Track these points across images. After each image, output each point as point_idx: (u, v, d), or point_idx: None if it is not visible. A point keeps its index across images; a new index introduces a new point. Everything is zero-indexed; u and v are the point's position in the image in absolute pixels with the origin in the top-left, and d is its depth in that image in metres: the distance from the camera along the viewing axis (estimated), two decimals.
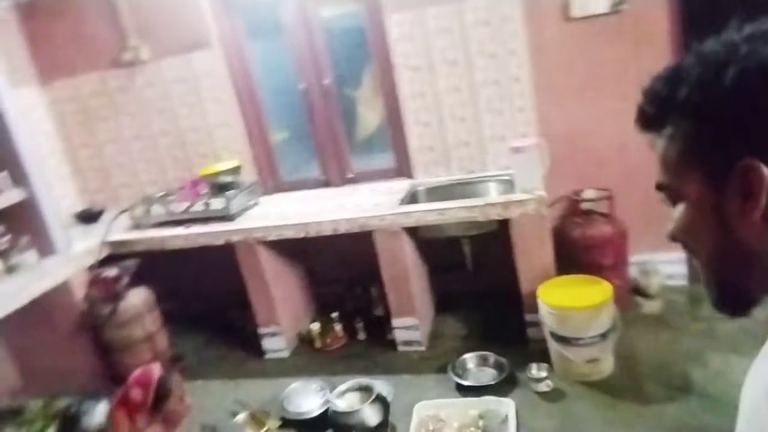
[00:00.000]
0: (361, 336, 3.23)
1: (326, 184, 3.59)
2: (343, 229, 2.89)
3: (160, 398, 1.89)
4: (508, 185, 2.97)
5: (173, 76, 3.58)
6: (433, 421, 2.44)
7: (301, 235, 2.96)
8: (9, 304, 2.76)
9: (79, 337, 3.12)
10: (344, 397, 2.52)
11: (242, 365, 3.22)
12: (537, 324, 2.70)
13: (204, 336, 3.61)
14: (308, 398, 2.67)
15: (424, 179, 3.32)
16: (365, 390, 2.52)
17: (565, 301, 2.49)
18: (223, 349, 3.44)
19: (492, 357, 2.76)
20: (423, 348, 3.02)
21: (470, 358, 2.78)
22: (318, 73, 3.41)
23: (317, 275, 3.60)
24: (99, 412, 2.88)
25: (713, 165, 0.62)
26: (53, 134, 3.84)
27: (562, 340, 2.53)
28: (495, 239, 2.90)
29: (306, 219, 2.97)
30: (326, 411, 2.51)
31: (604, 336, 2.48)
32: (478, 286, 3.28)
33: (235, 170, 3.38)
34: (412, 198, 3.15)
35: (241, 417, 2.68)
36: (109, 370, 3.16)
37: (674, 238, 0.71)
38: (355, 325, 3.23)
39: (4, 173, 2.87)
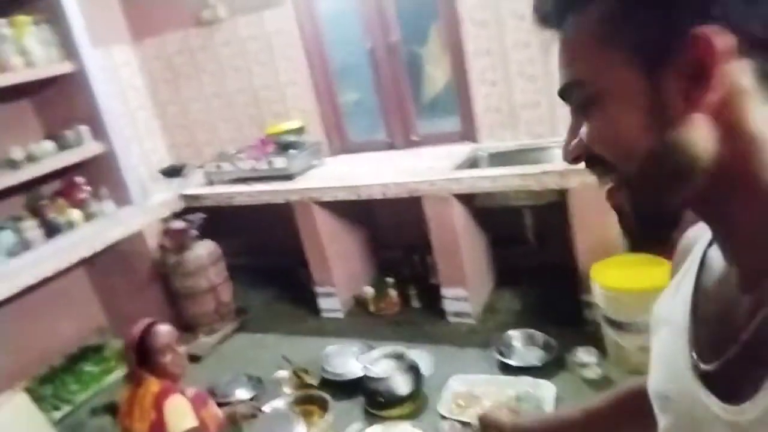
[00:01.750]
0: (415, 304, 3.17)
1: (391, 146, 3.50)
2: (392, 193, 2.81)
3: (149, 352, 1.99)
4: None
5: (247, 34, 3.63)
6: (466, 396, 2.35)
7: (353, 197, 2.93)
8: (86, 249, 3.01)
9: (152, 283, 3.34)
10: (378, 363, 2.48)
11: (299, 322, 3.29)
12: (593, 305, 2.48)
13: (270, 291, 3.73)
14: (347, 361, 2.67)
15: (488, 144, 3.12)
16: (399, 358, 2.47)
17: (619, 281, 2.25)
18: (285, 306, 3.53)
19: (540, 336, 2.58)
20: (473, 321, 2.89)
21: (516, 336, 2.62)
22: (384, 30, 3.28)
23: (378, 240, 3.57)
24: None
25: (645, 41, 0.49)
26: (143, 91, 4.07)
27: (615, 324, 2.30)
28: (559, 211, 2.68)
29: (358, 181, 2.92)
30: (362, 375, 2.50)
31: None
32: (541, 261, 3.07)
33: (299, 130, 3.39)
34: (471, 163, 2.99)
35: (284, 373, 2.75)
36: (178, 317, 3.37)
37: (583, 153, 0.57)
38: (409, 293, 3.17)
39: (86, 127, 3.08)
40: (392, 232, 3.49)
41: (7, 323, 2.98)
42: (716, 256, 0.59)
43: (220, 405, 2.61)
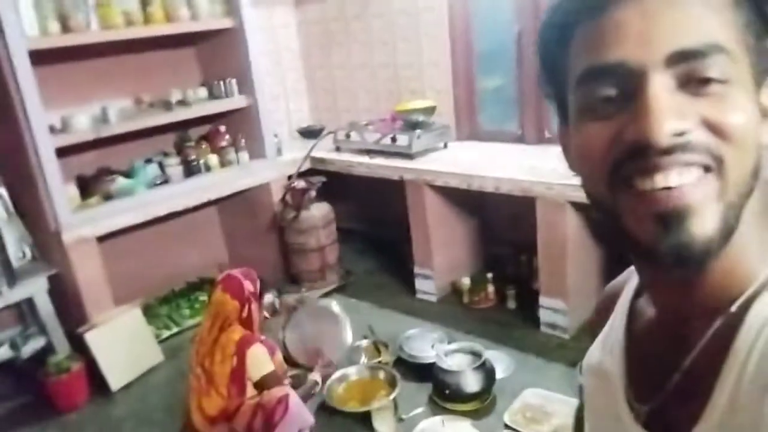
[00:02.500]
0: (511, 304, 3.07)
1: (521, 140, 3.37)
2: (504, 189, 2.72)
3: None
4: None
5: (399, 8, 3.66)
6: (536, 410, 2.25)
7: (464, 186, 2.88)
8: (217, 192, 3.31)
9: (270, 233, 3.58)
10: (454, 355, 2.46)
11: (393, 297, 3.35)
12: None
13: (375, 261, 3.83)
14: (426, 345, 2.67)
15: None
16: (475, 355, 2.42)
17: None
18: (384, 278, 3.61)
19: None
20: (566, 336, 2.74)
21: None
22: (536, 12, 3.12)
23: (488, 233, 3.48)
24: (267, 299, 3.33)
25: (763, 46, 0.47)
26: (297, 53, 4.30)
27: None
28: None
29: (473, 171, 2.86)
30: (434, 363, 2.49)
31: None
32: None
33: (429, 110, 3.38)
34: None
35: (365, 342, 2.83)
36: (287, 269, 3.59)
37: (686, 135, 0.45)
38: (507, 292, 3.08)
39: (234, 80, 3.34)
40: (504, 228, 3.39)
41: (141, 246, 3.38)
42: (645, 304, 0.59)
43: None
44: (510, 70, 3.38)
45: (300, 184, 3.40)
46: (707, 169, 0.45)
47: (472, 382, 2.33)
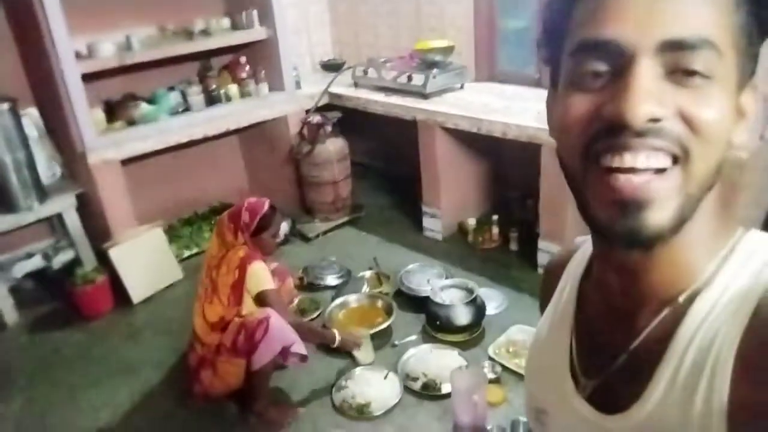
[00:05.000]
0: (513, 246, 3.17)
1: (538, 84, 3.36)
2: (511, 134, 2.77)
3: (260, 228, 2.26)
4: None
5: None
6: (519, 345, 2.39)
7: (474, 129, 2.93)
8: (235, 122, 3.42)
9: (287, 165, 3.70)
10: (447, 290, 2.59)
11: (400, 233, 3.48)
12: None
13: (387, 197, 3.94)
14: (424, 279, 2.80)
15: None
16: (469, 291, 2.55)
17: None
18: (394, 213, 3.73)
19: None
20: None
21: None
22: None
23: (498, 176, 3.54)
24: (281, 228, 3.49)
25: (754, 49, 0.49)
26: None
27: None
28: None
29: (483, 115, 2.90)
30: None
31: None
32: None
33: (447, 50, 3.37)
34: None
35: (368, 273, 2.98)
36: (302, 200, 3.73)
37: (659, 120, 0.47)
38: (510, 234, 3.17)
39: (255, 11, 3.38)
40: (513, 172, 3.44)
41: (164, 170, 3.54)
42: (594, 287, 0.63)
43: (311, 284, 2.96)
44: (533, 13, 3.33)
45: (316, 118, 3.48)
46: (674, 159, 0.47)
47: (462, 316, 2.47)
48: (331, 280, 3.01)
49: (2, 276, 2.89)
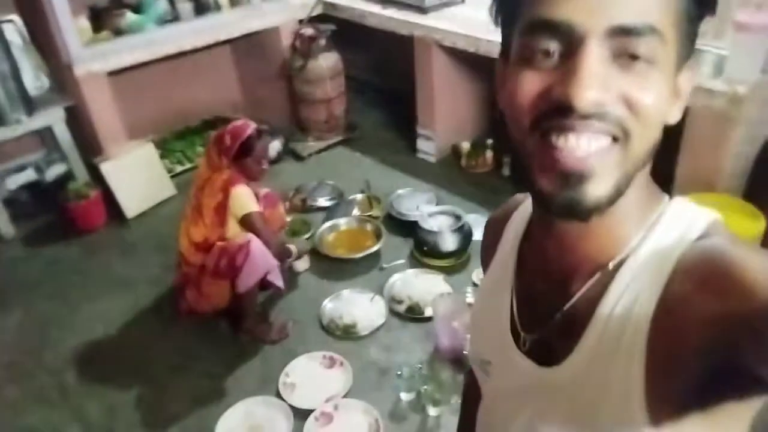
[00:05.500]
0: (506, 171, 3.16)
1: None
2: None
3: (243, 152, 2.23)
4: (717, 66, 2.34)
5: None
6: None
7: (471, 49, 2.83)
8: (226, 33, 3.31)
9: (281, 79, 3.61)
10: (435, 217, 2.62)
11: (394, 154, 3.45)
12: None
13: (382, 115, 3.88)
14: (414, 205, 2.82)
15: None
16: (457, 218, 2.58)
17: None
18: (389, 133, 3.69)
19: None
20: None
21: None
22: None
23: (494, 98, 3.45)
24: (274, 146, 3.47)
25: (694, 30, 0.53)
26: None
27: None
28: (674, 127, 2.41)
29: (483, 34, 2.79)
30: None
31: None
32: (657, 167, 2.84)
33: None
34: None
35: (360, 196, 3.00)
36: (296, 117, 3.67)
37: (603, 105, 0.49)
38: (503, 159, 3.15)
39: None
40: None
41: (154, 82, 3.46)
42: (533, 249, 0.67)
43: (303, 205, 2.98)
44: None
45: (309, 31, 3.35)
46: (615, 138, 0.50)
47: (448, 242, 2.51)
48: (323, 201, 3.03)
49: None
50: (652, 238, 0.57)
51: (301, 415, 1.95)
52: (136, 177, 3.04)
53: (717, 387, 0.50)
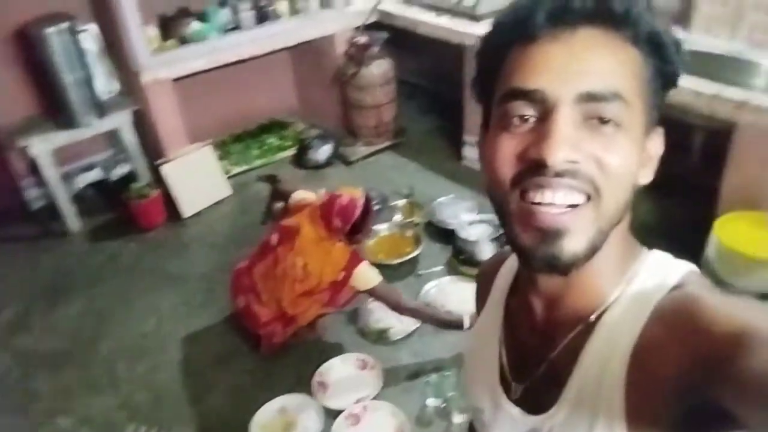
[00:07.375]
0: None
1: None
2: None
3: (354, 231, 2.18)
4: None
5: None
6: None
7: None
8: (285, 41, 3.44)
9: (335, 85, 3.71)
10: (476, 226, 2.64)
11: (440, 161, 3.49)
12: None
13: (432, 121, 3.92)
14: (455, 213, 2.85)
15: (697, 37, 2.67)
16: (495, 228, 2.59)
17: (737, 239, 2.01)
18: (437, 140, 3.72)
19: None
20: None
21: None
22: None
23: None
24: (324, 150, 3.58)
25: (659, 100, 0.58)
26: None
27: (721, 284, 2.12)
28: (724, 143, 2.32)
29: None
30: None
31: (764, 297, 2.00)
32: (701, 181, 2.74)
33: None
34: None
35: (402, 202, 3.05)
36: (346, 122, 3.76)
37: (574, 163, 0.53)
38: None
39: None
40: None
41: (215, 88, 3.63)
42: (520, 304, 0.71)
43: None
44: None
45: (362, 39, 3.43)
46: (588, 197, 0.54)
47: (487, 251, 2.52)
48: None
49: (67, 185, 3.15)
50: (632, 289, 0.60)
51: (331, 414, 2.03)
52: (195, 178, 3.21)
53: (698, 427, 0.52)
